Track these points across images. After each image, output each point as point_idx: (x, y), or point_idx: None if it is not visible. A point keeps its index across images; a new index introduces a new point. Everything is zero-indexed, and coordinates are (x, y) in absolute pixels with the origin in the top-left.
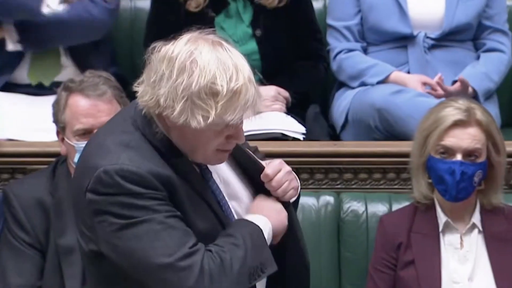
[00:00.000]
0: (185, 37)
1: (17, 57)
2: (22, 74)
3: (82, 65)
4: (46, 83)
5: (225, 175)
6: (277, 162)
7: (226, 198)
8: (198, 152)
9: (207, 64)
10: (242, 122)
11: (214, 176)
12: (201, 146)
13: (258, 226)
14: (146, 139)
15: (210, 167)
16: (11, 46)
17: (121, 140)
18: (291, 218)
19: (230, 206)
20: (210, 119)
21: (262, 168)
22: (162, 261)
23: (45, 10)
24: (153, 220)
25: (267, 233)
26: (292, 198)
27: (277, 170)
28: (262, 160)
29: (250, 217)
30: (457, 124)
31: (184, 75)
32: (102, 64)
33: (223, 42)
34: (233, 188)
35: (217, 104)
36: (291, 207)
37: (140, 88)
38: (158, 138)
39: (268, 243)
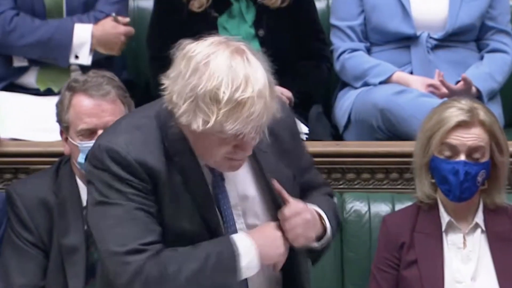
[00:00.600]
0: (211, 39)
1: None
2: (30, 80)
3: None
4: (55, 89)
5: (245, 190)
6: (300, 206)
7: (239, 211)
8: (207, 156)
9: (218, 70)
10: (253, 138)
11: (229, 187)
12: (208, 150)
13: (235, 249)
14: (159, 130)
15: (229, 178)
16: (17, 62)
17: (135, 122)
18: (294, 257)
19: (240, 221)
20: (209, 125)
21: (285, 201)
22: (113, 248)
23: (72, 60)
24: (122, 207)
25: (248, 258)
26: (299, 245)
27: (294, 213)
28: (312, 180)
29: (236, 237)
30: (460, 124)
31: (195, 76)
32: (114, 70)
33: (247, 52)
34: (252, 205)
35: (219, 111)
36: (299, 250)
37: (166, 81)
38: (171, 132)
39: (251, 269)
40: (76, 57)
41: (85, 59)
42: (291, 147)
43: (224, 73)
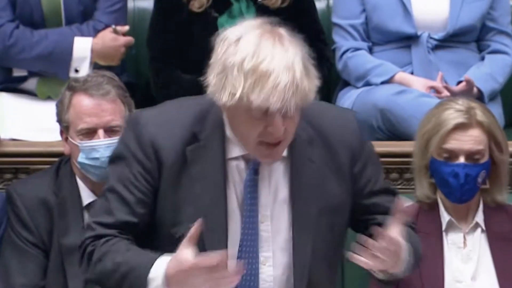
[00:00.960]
0: (253, 21)
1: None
2: (30, 88)
3: None
4: (55, 97)
5: (277, 192)
6: (400, 239)
7: (268, 213)
8: (243, 140)
9: (247, 44)
10: (285, 116)
11: (262, 183)
12: (242, 133)
13: (148, 269)
14: (197, 115)
15: (264, 175)
16: (17, 72)
17: (179, 103)
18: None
19: (267, 223)
20: (236, 96)
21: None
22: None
23: (72, 74)
24: (119, 174)
25: (155, 283)
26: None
27: (395, 241)
28: (381, 204)
29: (159, 261)
30: (458, 127)
31: (226, 52)
32: (114, 72)
33: (282, 34)
34: (280, 209)
35: (245, 83)
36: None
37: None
38: (209, 118)
39: None
40: (76, 71)
41: (85, 73)
42: (347, 169)
43: (252, 47)
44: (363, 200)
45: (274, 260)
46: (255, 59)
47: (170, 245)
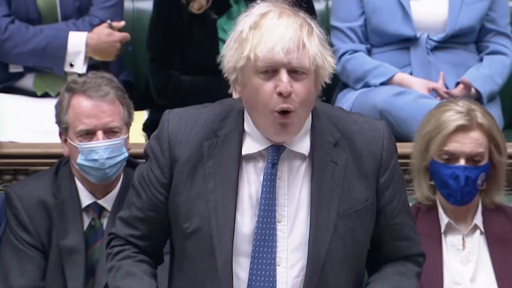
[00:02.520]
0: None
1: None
2: (27, 84)
3: None
4: (52, 93)
5: (296, 192)
6: None
7: (285, 212)
8: (259, 114)
9: (255, 11)
10: (287, 70)
11: (281, 183)
12: (258, 103)
13: None
14: (220, 111)
15: (283, 173)
16: (13, 68)
17: (209, 102)
18: None
19: (283, 223)
20: (247, 50)
21: None
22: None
23: (67, 69)
24: (141, 170)
25: None
26: None
27: None
28: (401, 237)
29: None
30: (459, 129)
31: (238, 23)
32: (112, 71)
33: (289, 8)
34: (297, 210)
35: (254, 39)
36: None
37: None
38: (230, 114)
39: None
40: (71, 65)
41: (80, 67)
42: (372, 178)
43: (259, 12)
44: (394, 219)
45: (288, 261)
46: (264, 17)
47: (184, 240)
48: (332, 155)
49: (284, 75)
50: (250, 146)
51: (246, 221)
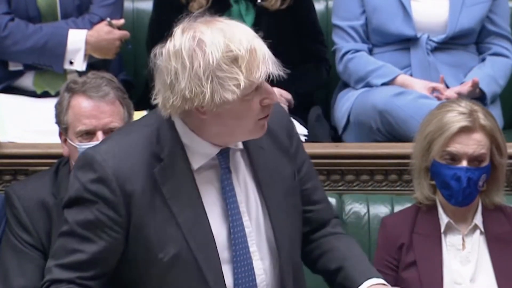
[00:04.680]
0: (179, 29)
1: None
2: (27, 83)
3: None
4: (52, 92)
5: (247, 185)
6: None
7: (244, 208)
8: (242, 130)
9: (214, 38)
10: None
11: (235, 181)
12: (242, 122)
13: None
14: (151, 135)
15: (234, 171)
16: (13, 67)
17: (126, 130)
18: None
19: (245, 218)
20: (242, 84)
21: None
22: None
23: (66, 66)
24: (79, 218)
25: None
26: None
27: None
28: (316, 195)
29: None
30: (462, 130)
31: (198, 58)
32: (111, 71)
33: (216, 18)
34: (252, 201)
35: (241, 68)
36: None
37: (159, 98)
38: (164, 134)
39: None
40: (71, 63)
41: (80, 65)
42: (288, 146)
43: (220, 37)
44: (307, 182)
45: (260, 253)
46: (233, 45)
47: (159, 271)
48: (258, 141)
49: (269, 86)
50: (197, 158)
51: (219, 230)
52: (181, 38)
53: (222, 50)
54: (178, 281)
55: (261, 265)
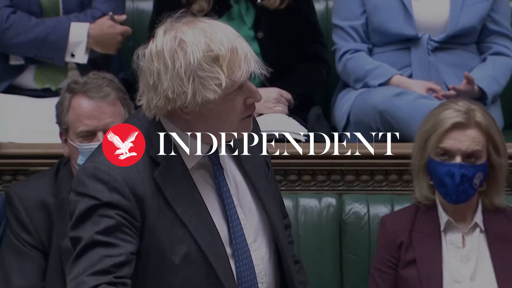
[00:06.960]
0: (160, 30)
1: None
2: (28, 79)
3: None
4: (53, 87)
5: (235, 178)
6: None
7: (236, 201)
8: (227, 129)
9: (195, 38)
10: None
11: (226, 176)
12: (226, 122)
13: None
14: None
15: (223, 166)
16: (14, 61)
17: None
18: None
19: (239, 210)
20: (224, 83)
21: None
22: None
23: (68, 59)
24: (96, 228)
25: None
26: None
27: None
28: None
29: None
30: (456, 126)
31: (179, 58)
32: (111, 70)
33: (197, 18)
34: (242, 192)
35: (222, 67)
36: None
37: (143, 99)
38: (156, 137)
39: None
40: (72, 55)
41: (81, 57)
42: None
43: (201, 37)
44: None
45: (255, 243)
46: (214, 44)
47: (168, 275)
48: None
49: (252, 85)
50: (190, 157)
51: (221, 226)
52: (162, 38)
53: (203, 50)
54: (191, 280)
55: (258, 255)
